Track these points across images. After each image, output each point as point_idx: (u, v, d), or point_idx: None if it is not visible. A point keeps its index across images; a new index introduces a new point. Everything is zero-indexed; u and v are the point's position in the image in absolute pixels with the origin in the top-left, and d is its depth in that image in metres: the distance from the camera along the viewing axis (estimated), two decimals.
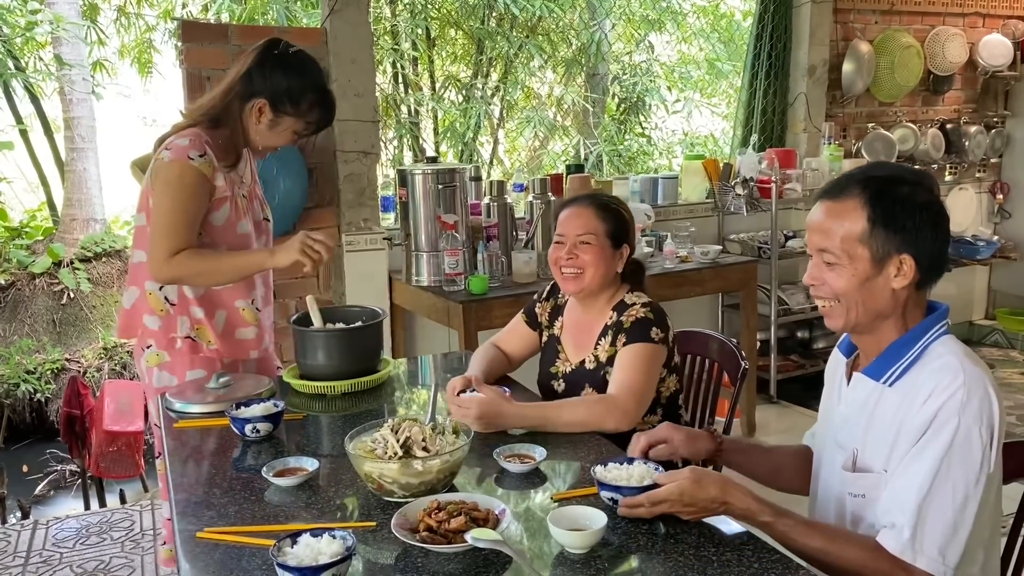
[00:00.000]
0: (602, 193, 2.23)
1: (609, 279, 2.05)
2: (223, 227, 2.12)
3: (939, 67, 5.05)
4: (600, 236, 2.02)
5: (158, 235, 2.04)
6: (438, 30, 6.14)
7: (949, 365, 1.34)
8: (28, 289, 5.34)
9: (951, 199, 5.38)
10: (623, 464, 1.49)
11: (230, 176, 2.13)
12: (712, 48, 7.13)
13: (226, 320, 2.18)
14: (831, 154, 4.58)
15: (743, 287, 3.97)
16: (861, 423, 1.43)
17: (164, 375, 2.16)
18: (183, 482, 1.63)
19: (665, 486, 1.37)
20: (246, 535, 1.39)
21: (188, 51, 3.18)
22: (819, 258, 1.41)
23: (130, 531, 3.24)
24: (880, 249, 1.36)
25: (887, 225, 1.35)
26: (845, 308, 1.40)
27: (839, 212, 1.38)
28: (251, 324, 2.22)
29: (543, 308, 2.23)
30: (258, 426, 1.78)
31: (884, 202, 1.35)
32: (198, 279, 2.11)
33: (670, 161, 6.98)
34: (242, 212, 2.17)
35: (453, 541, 1.29)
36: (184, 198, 2.03)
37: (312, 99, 2.11)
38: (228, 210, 2.12)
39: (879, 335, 1.42)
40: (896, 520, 1.30)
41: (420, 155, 5.94)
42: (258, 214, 2.26)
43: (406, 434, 1.51)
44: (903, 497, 1.30)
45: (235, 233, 2.15)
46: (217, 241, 2.12)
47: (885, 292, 1.38)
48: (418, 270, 3.42)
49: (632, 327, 1.96)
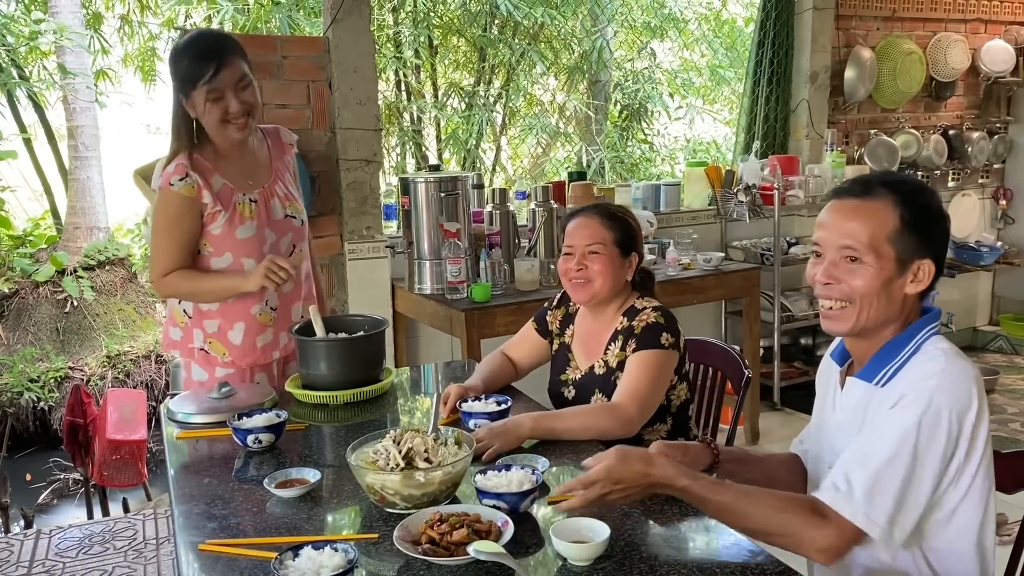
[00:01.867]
0: (608, 202, 2.23)
1: (619, 287, 2.05)
2: (221, 236, 2.21)
3: (941, 73, 5.05)
4: (608, 245, 2.02)
5: (152, 258, 2.24)
6: (440, 38, 6.15)
7: (937, 359, 1.35)
8: (32, 297, 5.35)
9: (954, 205, 5.38)
10: (502, 471, 1.50)
11: (226, 185, 2.20)
12: (714, 55, 7.13)
13: (245, 330, 2.27)
14: (834, 161, 4.58)
15: (746, 294, 3.97)
16: (855, 427, 1.42)
17: (197, 369, 2.32)
18: (185, 494, 1.63)
19: (593, 468, 1.38)
20: (248, 547, 1.38)
21: None
22: (837, 255, 1.39)
23: (133, 540, 3.24)
24: (906, 251, 1.36)
25: (917, 227, 1.36)
26: (857, 309, 1.38)
27: (868, 211, 1.37)
28: (267, 326, 2.30)
29: (554, 316, 2.23)
30: (260, 437, 1.78)
31: (917, 204, 1.37)
32: (189, 297, 2.27)
33: (672, 168, 6.98)
34: (243, 217, 2.21)
35: (455, 553, 1.29)
36: (169, 223, 2.18)
37: (185, 60, 2.11)
38: (223, 220, 2.19)
39: (878, 340, 1.42)
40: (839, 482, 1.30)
41: (423, 163, 5.95)
42: (277, 213, 2.29)
43: (408, 445, 1.50)
44: (859, 459, 1.30)
45: (234, 240, 2.21)
46: (220, 248, 2.22)
47: (898, 296, 1.38)
48: (420, 278, 3.42)
49: (643, 332, 1.96)
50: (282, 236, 2.30)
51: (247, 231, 2.22)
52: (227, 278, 2.22)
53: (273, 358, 2.34)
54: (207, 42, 2.19)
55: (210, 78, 2.08)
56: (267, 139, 2.37)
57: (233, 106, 2.12)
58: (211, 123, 2.14)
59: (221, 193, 2.19)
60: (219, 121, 2.13)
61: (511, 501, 1.43)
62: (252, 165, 2.28)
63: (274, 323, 2.31)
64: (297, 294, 2.37)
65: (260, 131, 2.35)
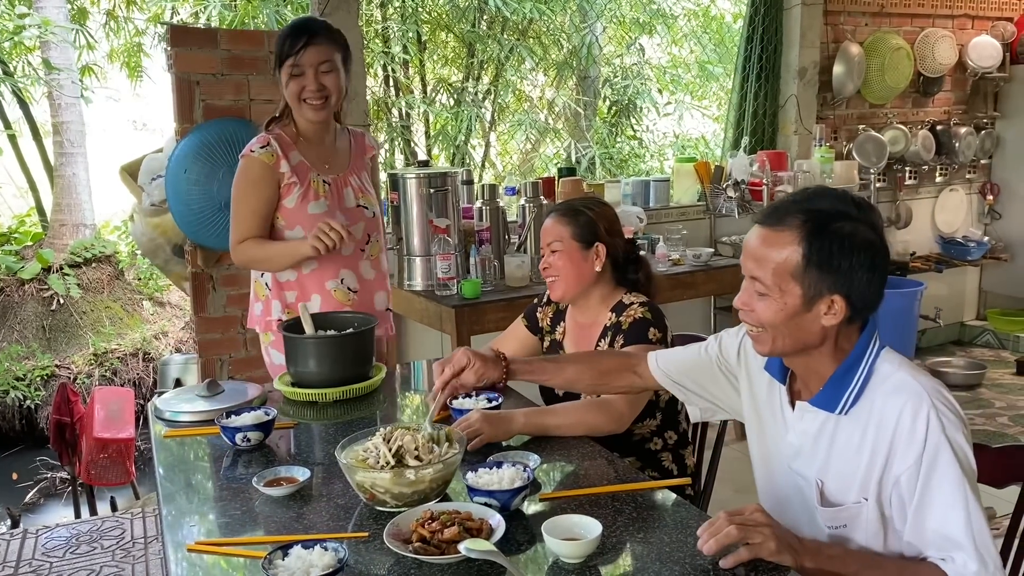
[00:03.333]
0: (574, 199, 2.25)
1: (588, 279, 2.06)
2: (294, 209, 2.31)
3: (929, 69, 5.06)
4: (566, 240, 2.05)
5: (231, 226, 2.33)
6: (429, 33, 6.13)
7: (905, 384, 1.34)
8: (17, 295, 5.31)
9: (942, 200, 5.40)
10: (493, 468, 1.50)
11: (303, 162, 2.32)
12: (703, 51, 7.14)
13: (321, 303, 2.35)
14: (822, 156, 4.58)
15: (736, 289, 3.88)
16: (818, 456, 1.41)
17: (275, 353, 2.41)
18: (172, 492, 1.61)
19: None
20: (237, 547, 1.37)
21: (177, 55, 3.16)
22: (750, 284, 1.39)
23: (121, 540, 3.21)
24: (812, 288, 1.33)
25: (822, 265, 1.31)
26: (771, 337, 1.38)
27: (775, 242, 1.35)
28: (345, 305, 2.37)
29: (544, 313, 2.23)
30: (249, 435, 1.77)
31: (822, 240, 1.31)
32: (258, 265, 2.38)
33: (661, 164, 6.99)
34: (317, 194, 2.32)
35: (446, 552, 1.28)
36: (247, 191, 2.30)
37: (282, 37, 2.27)
38: (297, 193, 2.30)
39: (811, 362, 1.41)
40: (955, 555, 1.28)
41: (411, 159, 5.93)
42: (348, 200, 2.39)
43: (398, 443, 1.49)
44: (948, 532, 1.28)
45: (306, 214, 2.31)
46: (291, 221, 2.32)
47: (814, 327, 1.36)
48: (411, 274, 3.41)
49: (630, 328, 1.96)
50: (354, 223, 2.37)
51: (319, 207, 2.31)
52: (289, 244, 2.32)
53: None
54: (304, 22, 2.34)
55: (295, 53, 2.22)
56: (352, 138, 2.49)
57: (311, 85, 2.24)
58: (291, 98, 2.27)
59: (298, 168, 2.30)
60: (296, 97, 2.26)
61: (502, 499, 1.42)
62: (331, 153, 2.39)
63: (352, 305, 2.37)
64: (381, 283, 2.48)
65: (347, 130, 2.49)
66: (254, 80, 3.26)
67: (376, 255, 2.48)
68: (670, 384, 1.72)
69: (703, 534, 1.29)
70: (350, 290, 2.39)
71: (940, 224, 5.44)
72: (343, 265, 2.39)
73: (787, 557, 1.27)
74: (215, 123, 3.12)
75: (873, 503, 1.35)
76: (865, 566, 1.33)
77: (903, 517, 1.33)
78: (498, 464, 1.52)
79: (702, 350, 1.69)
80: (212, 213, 3.04)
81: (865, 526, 1.37)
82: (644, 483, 1.58)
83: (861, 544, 1.38)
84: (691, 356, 1.71)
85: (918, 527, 1.32)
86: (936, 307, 5.23)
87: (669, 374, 1.72)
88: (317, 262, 2.34)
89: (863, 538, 1.38)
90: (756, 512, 1.31)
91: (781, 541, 1.28)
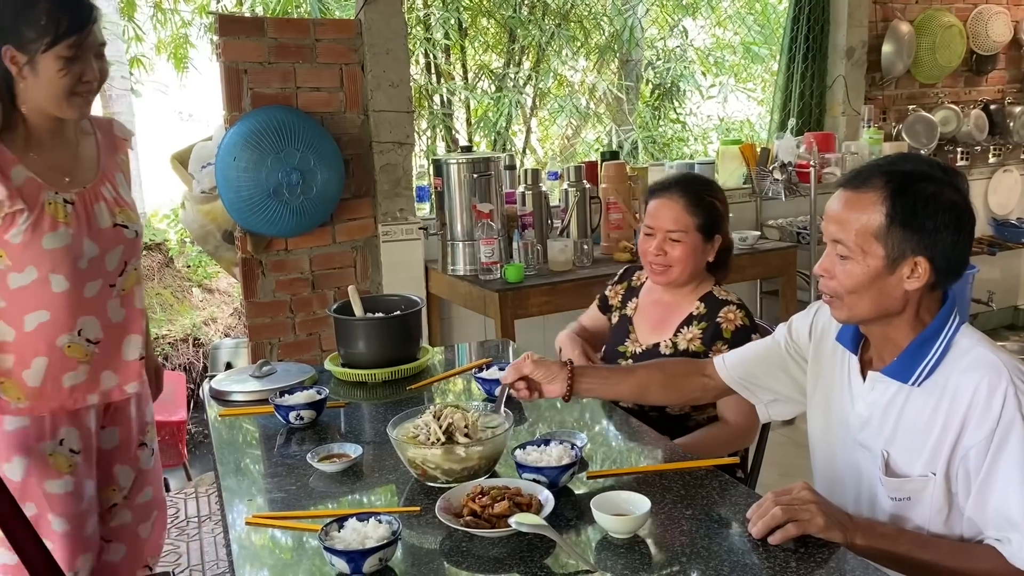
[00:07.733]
0: (694, 178, 2.13)
1: (700, 269, 2.03)
2: (22, 245, 1.73)
3: (982, 46, 4.93)
4: (691, 232, 1.97)
5: None
6: (470, 19, 6.13)
7: (984, 359, 1.31)
8: None
9: (995, 182, 5.27)
10: (541, 446, 1.51)
11: (31, 179, 1.74)
12: (747, 32, 7.03)
13: (47, 367, 1.79)
14: (871, 137, 4.50)
15: (782, 273, 3.93)
16: (887, 426, 1.40)
17: None
18: (230, 469, 1.66)
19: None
20: (293, 520, 1.41)
21: (225, 45, 3.21)
22: (832, 249, 1.38)
23: (175, 519, 3.30)
24: (895, 248, 1.31)
25: (906, 224, 1.30)
26: (852, 303, 1.37)
27: (857, 204, 1.34)
28: (82, 362, 1.83)
29: (615, 291, 2.23)
30: (302, 413, 1.81)
31: (905, 199, 1.30)
32: None
33: (705, 147, 6.92)
34: (56, 222, 1.75)
35: (497, 526, 1.30)
36: None
37: (50, 9, 1.68)
38: (25, 224, 1.72)
39: (890, 331, 1.39)
40: (1012, 536, 1.26)
41: (453, 145, 5.95)
42: (103, 220, 1.84)
43: (448, 420, 1.52)
44: (1008, 511, 1.27)
45: (39, 250, 1.74)
46: (20, 261, 1.74)
47: (897, 292, 1.34)
48: (454, 259, 3.44)
49: (734, 338, 1.93)
50: (109, 250, 1.84)
51: (57, 240, 1.75)
52: None
53: (88, 403, 1.86)
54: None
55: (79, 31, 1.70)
56: (96, 131, 1.93)
57: (90, 73, 1.74)
58: (58, 91, 1.71)
59: (25, 189, 1.72)
60: (68, 90, 1.72)
61: (551, 475, 1.44)
62: (70, 159, 1.83)
63: (92, 359, 1.84)
64: (135, 324, 1.92)
65: (90, 121, 1.93)
66: (300, 68, 3.30)
67: (130, 288, 1.90)
68: (737, 384, 1.71)
69: (752, 516, 1.30)
70: (89, 342, 1.83)
71: (993, 206, 5.30)
72: (84, 311, 1.81)
73: (836, 534, 1.27)
74: (263, 111, 3.17)
75: (941, 478, 1.33)
76: (918, 546, 1.32)
77: (967, 493, 1.32)
78: (545, 442, 1.53)
79: (770, 340, 1.69)
80: (262, 199, 3.09)
81: (930, 501, 1.35)
82: (693, 462, 1.58)
83: (922, 520, 1.36)
84: (759, 350, 1.70)
85: (980, 503, 1.30)
86: (989, 290, 5.11)
87: (736, 374, 1.71)
88: (48, 312, 1.77)
89: (926, 513, 1.36)
90: (803, 490, 1.31)
91: (830, 518, 1.28)
